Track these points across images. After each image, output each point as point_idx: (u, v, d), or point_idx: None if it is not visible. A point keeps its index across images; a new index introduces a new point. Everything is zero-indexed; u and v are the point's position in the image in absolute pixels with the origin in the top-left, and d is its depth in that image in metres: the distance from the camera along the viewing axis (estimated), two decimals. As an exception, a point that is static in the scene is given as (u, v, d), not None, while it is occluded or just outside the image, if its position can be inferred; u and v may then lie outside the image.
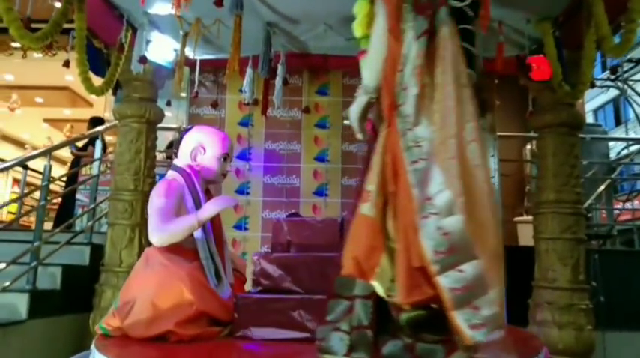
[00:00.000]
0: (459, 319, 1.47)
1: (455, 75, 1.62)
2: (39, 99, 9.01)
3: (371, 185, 1.64)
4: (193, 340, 1.93)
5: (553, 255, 3.25)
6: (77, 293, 3.46)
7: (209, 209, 2.08)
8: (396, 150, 1.60)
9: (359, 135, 1.81)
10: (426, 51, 1.65)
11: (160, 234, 2.03)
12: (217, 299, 2.07)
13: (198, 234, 2.10)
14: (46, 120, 10.43)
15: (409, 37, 1.65)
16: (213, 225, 2.19)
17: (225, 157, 2.30)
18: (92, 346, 1.88)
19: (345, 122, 1.97)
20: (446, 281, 1.48)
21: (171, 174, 2.26)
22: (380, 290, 1.64)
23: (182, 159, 2.26)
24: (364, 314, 1.67)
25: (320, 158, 4.32)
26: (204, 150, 2.25)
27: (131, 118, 3.81)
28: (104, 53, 3.71)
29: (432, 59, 1.65)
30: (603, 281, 3.77)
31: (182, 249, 2.08)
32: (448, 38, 1.66)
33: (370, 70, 1.73)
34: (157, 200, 2.11)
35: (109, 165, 5.49)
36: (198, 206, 2.14)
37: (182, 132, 2.36)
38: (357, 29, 1.93)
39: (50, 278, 3.44)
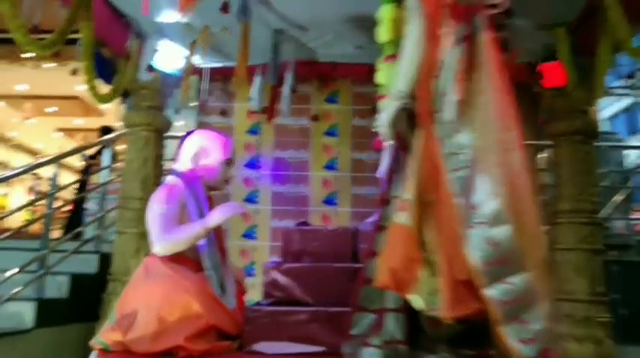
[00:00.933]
0: (509, 333, 1.41)
1: (496, 82, 1.57)
2: (51, 109, 9.08)
3: (408, 193, 1.56)
4: (203, 356, 1.82)
5: (569, 266, 3.16)
6: (84, 303, 3.42)
7: (216, 216, 1.99)
8: (435, 158, 1.55)
9: (388, 143, 1.75)
10: (465, 57, 1.60)
11: (163, 242, 1.94)
12: (226, 311, 1.96)
13: (202, 242, 2.00)
14: (58, 130, 10.52)
15: (447, 42, 1.61)
16: (216, 234, 2.09)
17: (229, 162, 2.21)
18: None
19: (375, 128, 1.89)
20: (495, 294, 1.41)
21: (171, 179, 2.14)
22: (418, 304, 1.55)
23: (183, 164, 2.15)
24: (397, 328, 1.62)
25: (329, 166, 4.27)
26: (207, 155, 2.15)
27: (139, 126, 3.80)
28: (113, 61, 3.71)
29: (470, 65, 1.59)
30: (623, 293, 3.65)
31: (184, 259, 1.98)
32: (487, 45, 1.61)
33: (404, 75, 1.67)
34: (158, 206, 2.00)
35: (117, 173, 5.47)
36: (201, 213, 2.05)
37: (182, 136, 2.25)
38: (382, 34, 1.91)
39: (57, 287, 3.41)
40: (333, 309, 2.03)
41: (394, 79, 1.76)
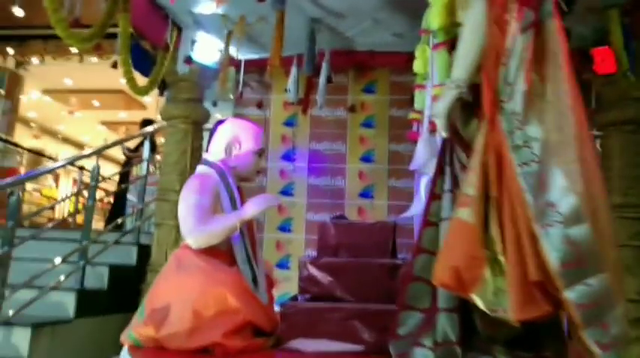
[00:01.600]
0: (588, 338, 1.34)
1: (566, 72, 1.47)
2: (96, 103, 9.34)
3: (471, 188, 1.48)
4: (239, 353, 1.74)
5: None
6: (124, 293, 3.49)
7: (251, 208, 1.92)
8: (502, 151, 1.46)
9: (444, 133, 1.65)
10: (533, 45, 1.50)
11: (198, 234, 1.86)
12: (261, 306, 1.90)
13: (235, 235, 1.95)
14: (102, 123, 10.82)
15: (513, 28, 1.51)
16: (247, 226, 2.04)
17: (261, 153, 2.15)
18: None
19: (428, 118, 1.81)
20: (573, 297, 1.34)
21: (203, 169, 2.06)
22: (481, 304, 1.47)
23: (215, 154, 2.08)
24: (450, 328, 1.56)
25: (365, 158, 4.18)
26: (240, 145, 2.08)
27: (177, 119, 3.83)
28: (151, 54, 3.74)
29: (539, 54, 1.50)
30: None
31: (217, 251, 1.92)
32: (556, 32, 1.51)
33: (463, 62, 1.58)
34: (192, 197, 1.92)
35: (157, 165, 5.57)
36: (234, 204, 2.00)
37: (214, 124, 2.18)
38: (434, 20, 1.80)
39: (98, 278, 3.49)
40: (373, 306, 1.96)
41: (446, 68, 1.70)
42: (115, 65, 3.66)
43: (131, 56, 3.16)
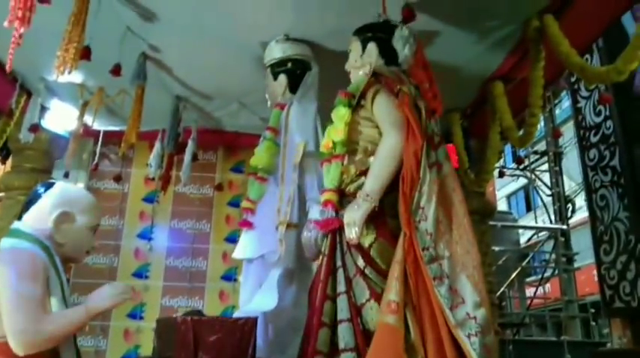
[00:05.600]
0: None
1: (465, 208, 1.83)
2: None
3: (394, 295, 1.67)
4: None
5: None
6: None
7: (102, 300, 1.60)
8: (420, 264, 1.70)
9: (355, 240, 1.83)
10: (437, 180, 1.83)
11: (32, 337, 1.47)
12: None
13: None
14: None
15: (424, 163, 1.82)
16: None
17: (96, 229, 1.81)
18: None
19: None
20: None
21: (21, 243, 1.59)
22: None
23: (37, 225, 1.65)
24: None
25: (231, 239, 4.03)
26: (73, 218, 1.70)
27: (17, 191, 3.43)
28: (-7, 118, 3.39)
29: (441, 189, 1.83)
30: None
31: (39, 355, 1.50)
32: (452, 173, 1.90)
33: (377, 180, 1.85)
34: (20, 283, 1.49)
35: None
36: (63, 291, 1.61)
37: (38, 187, 1.77)
38: (335, 134, 2.00)
39: None
40: None
41: (339, 177, 1.97)
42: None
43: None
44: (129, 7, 2.51)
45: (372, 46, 2.14)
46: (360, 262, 1.83)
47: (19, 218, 1.68)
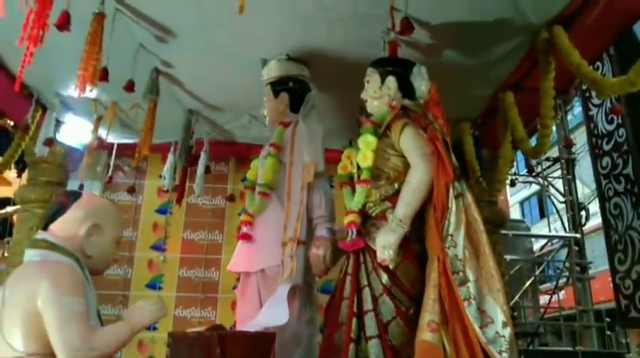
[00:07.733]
0: None
1: (486, 236, 1.96)
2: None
3: (432, 315, 1.82)
4: None
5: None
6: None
7: (145, 317, 1.57)
8: (453, 287, 1.84)
9: (389, 262, 1.94)
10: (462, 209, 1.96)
11: (88, 354, 1.41)
12: None
13: None
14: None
15: (451, 193, 1.95)
16: None
17: (120, 241, 1.81)
18: None
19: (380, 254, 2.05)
20: None
21: (55, 255, 1.56)
22: None
23: (66, 235, 1.61)
24: None
25: (243, 249, 4.06)
26: (102, 231, 1.68)
27: (34, 203, 3.50)
28: (10, 132, 3.46)
29: (466, 218, 1.95)
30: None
31: None
32: (473, 203, 2.01)
33: (409, 207, 1.97)
34: (67, 297, 1.43)
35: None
36: (92, 308, 1.59)
37: (63, 196, 1.74)
38: (363, 160, 2.12)
39: None
40: None
41: (363, 200, 2.10)
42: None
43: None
44: (142, 25, 2.56)
45: (391, 80, 2.24)
46: (387, 281, 1.96)
47: (45, 228, 1.65)
